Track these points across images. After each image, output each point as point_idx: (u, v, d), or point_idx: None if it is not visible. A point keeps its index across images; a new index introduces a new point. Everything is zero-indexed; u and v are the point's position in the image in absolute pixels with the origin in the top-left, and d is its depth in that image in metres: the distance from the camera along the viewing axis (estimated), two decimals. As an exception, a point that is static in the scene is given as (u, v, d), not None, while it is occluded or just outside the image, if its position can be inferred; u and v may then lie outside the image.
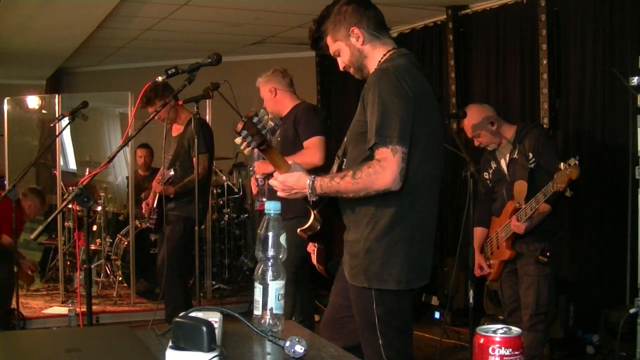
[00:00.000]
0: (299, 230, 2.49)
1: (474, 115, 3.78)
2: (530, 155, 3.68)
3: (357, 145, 2.31)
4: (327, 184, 2.21)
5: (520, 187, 3.66)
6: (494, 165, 3.90)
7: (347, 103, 6.94)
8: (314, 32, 2.41)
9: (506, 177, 3.80)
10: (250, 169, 4.49)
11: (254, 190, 4.22)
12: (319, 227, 2.42)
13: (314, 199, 2.27)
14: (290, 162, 2.31)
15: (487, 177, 3.94)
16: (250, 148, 2.18)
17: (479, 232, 3.91)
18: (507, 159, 3.79)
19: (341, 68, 2.45)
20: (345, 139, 2.43)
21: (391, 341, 2.29)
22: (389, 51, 2.36)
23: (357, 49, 2.36)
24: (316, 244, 2.55)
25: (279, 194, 2.33)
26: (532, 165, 3.68)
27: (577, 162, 3.28)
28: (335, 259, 2.51)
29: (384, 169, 2.12)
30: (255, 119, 2.11)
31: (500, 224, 3.78)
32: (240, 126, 2.11)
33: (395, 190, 2.15)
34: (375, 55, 2.36)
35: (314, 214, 2.43)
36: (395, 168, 2.11)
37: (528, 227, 3.60)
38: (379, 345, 2.28)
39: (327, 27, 2.38)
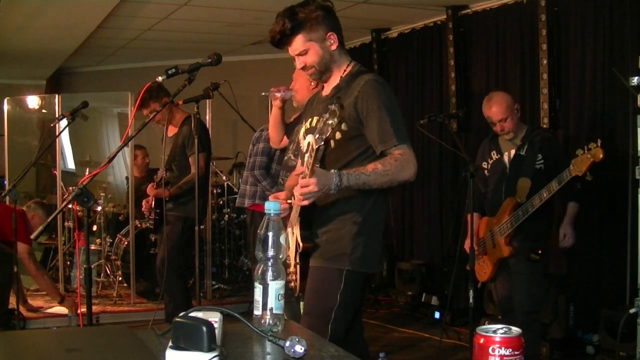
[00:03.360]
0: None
1: (504, 100, 3.79)
2: (539, 156, 3.67)
3: (341, 146, 2.44)
4: (355, 176, 2.30)
5: (524, 183, 3.65)
6: (494, 155, 3.87)
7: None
8: (288, 28, 2.46)
9: (506, 171, 3.79)
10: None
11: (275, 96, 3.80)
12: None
13: (333, 192, 2.31)
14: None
15: (485, 166, 3.92)
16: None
17: (475, 217, 3.86)
18: (513, 153, 3.78)
19: (299, 67, 2.57)
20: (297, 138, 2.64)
21: (339, 318, 2.47)
22: (351, 62, 2.57)
23: (329, 53, 2.51)
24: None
25: (304, 202, 2.30)
26: (538, 166, 3.68)
27: (598, 145, 3.28)
28: None
29: (408, 163, 2.36)
30: None
31: (496, 223, 3.76)
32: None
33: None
34: (341, 62, 2.56)
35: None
36: (415, 162, 2.38)
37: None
38: (330, 320, 2.45)
39: (302, 25, 2.46)
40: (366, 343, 2.96)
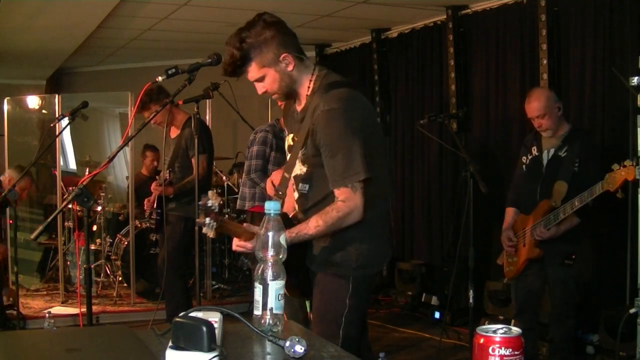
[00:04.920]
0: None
1: (545, 96, 3.75)
2: (577, 159, 3.64)
3: (318, 170, 2.38)
4: (299, 237, 2.29)
5: (561, 187, 3.61)
6: (534, 151, 3.83)
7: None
8: (237, 59, 2.30)
9: (542, 171, 3.75)
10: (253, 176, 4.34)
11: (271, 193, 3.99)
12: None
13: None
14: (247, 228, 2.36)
15: (524, 161, 3.88)
16: (213, 231, 2.18)
17: (511, 212, 3.87)
18: (551, 153, 3.74)
19: (260, 92, 2.43)
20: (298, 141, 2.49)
21: (351, 321, 2.42)
22: (312, 73, 2.41)
23: (288, 75, 2.35)
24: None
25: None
26: (575, 169, 3.64)
27: (633, 163, 3.24)
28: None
29: (350, 208, 2.28)
30: (209, 203, 2.11)
31: (532, 222, 3.74)
32: (202, 218, 2.13)
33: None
34: (303, 79, 2.39)
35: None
36: (359, 204, 2.28)
37: (553, 235, 3.59)
38: (341, 325, 2.40)
39: (251, 53, 2.30)
40: (369, 344, 2.96)
